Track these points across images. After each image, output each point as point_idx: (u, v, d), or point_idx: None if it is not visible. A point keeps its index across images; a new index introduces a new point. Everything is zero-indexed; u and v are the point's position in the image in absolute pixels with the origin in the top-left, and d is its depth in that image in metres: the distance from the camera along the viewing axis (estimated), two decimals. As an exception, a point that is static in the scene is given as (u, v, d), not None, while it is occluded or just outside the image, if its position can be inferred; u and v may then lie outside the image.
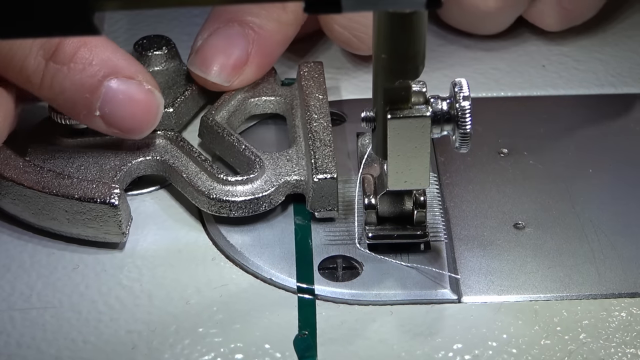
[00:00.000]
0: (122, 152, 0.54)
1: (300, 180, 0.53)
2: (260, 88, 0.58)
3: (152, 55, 0.58)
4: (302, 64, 0.58)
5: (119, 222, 0.51)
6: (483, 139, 0.57)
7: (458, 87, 0.48)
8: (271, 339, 0.48)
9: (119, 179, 0.52)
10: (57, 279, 0.51)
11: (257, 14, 0.56)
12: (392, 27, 0.44)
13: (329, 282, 0.50)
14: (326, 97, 0.56)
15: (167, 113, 0.55)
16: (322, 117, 0.55)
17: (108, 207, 0.50)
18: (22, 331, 0.48)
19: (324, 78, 0.57)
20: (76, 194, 0.50)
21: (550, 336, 0.48)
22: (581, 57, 0.64)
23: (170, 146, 0.54)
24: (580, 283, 0.50)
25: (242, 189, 0.52)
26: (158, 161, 0.54)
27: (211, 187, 0.52)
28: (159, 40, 0.59)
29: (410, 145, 0.47)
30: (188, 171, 0.53)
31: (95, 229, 0.51)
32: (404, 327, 0.48)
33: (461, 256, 0.51)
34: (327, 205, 0.52)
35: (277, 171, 0.53)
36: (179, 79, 0.58)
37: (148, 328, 0.48)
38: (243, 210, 0.52)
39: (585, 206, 0.54)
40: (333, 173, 0.52)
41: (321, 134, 0.53)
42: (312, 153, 0.52)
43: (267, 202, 0.52)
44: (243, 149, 0.54)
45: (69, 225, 0.51)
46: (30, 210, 0.51)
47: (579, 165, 0.56)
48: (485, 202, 0.54)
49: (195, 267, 0.51)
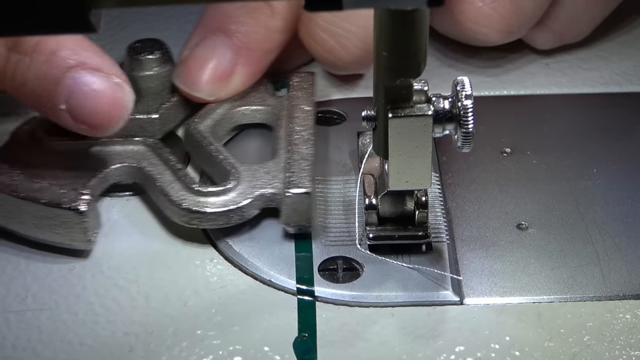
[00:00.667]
0: (100, 157, 0.53)
1: (275, 193, 0.52)
2: (249, 97, 0.57)
3: (144, 59, 0.58)
4: (293, 73, 0.58)
5: (84, 229, 0.50)
6: (485, 138, 0.57)
7: (460, 86, 0.48)
8: (270, 342, 0.48)
9: (92, 185, 0.52)
10: (52, 281, 0.51)
11: (243, 22, 0.55)
12: (393, 24, 0.44)
13: (329, 283, 0.50)
14: (313, 108, 0.55)
15: (151, 119, 0.55)
16: (304, 129, 0.54)
17: (74, 213, 0.50)
18: (17, 333, 0.48)
19: (314, 89, 0.57)
20: (43, 199, 0.50)
21: (554, 338, 0.48)
22: (585, 55, 0.64)
23: (149, 153, 0.54)
24: (584, 285, 0.50)
25: (214, 201, 0.51)
26: (134, 168, 0.53)
27: (183, 197, 0.51)
28: (152, 44, 0.58)
29: (411, 144, 0.47)
30: (162, 180, 0.52)
31: (61, 235, 0.50)
32: (405, 329, 0.48)
33: (463, 257, 0.51)
34: (300, 220, 0.51)
35: (253, 183, 0.52)
36: (169, 84, 0.57)
37: (145, 330, 0.48)
38: (213, 222, 0.51)
39: (589, 206, 0.54)
40: (307, 188, 0.51)
41: (301, 147, 0.53)
42: (288, 166, 0.52)
43: (238, 215, 0.51)
44: (220, 160, 0.53)
45: (35, 230, 0.51)
46: (0, 213, 0.51)
47: (583, 165, 0.56)
48: (487, 203, 0.54)
49: (194, 269, 0.51)
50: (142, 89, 0.57)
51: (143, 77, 0.57)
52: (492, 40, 0.60)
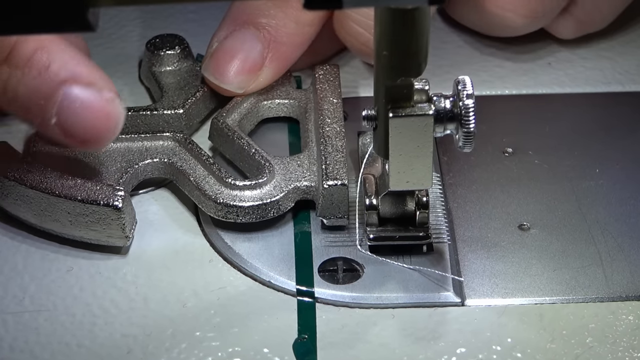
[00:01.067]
0: (129, 154, 0.54)
1: (310, 186, 0.52)
2: (274, 90, 0.58)
3: (164, 55, 0.58)
4: (317, 66, 0.58)
5: (122, 226, 0.51)
6: (487, 138, 0.57)
7: (461, 85, 0.48)
8: (270, 343, 0.48)
9: (124, 181, 0.52)
10: (50, 282, 0.51)
11: (273, 15, 0.56)
12: (394, 23, 0.44)
13: (329, 284, 0.50)
14: (340, 101, 0.56)
15: (177, 114, 0.56)
16: (335, 121, 0.55)
17: (111, 209, 0.50)
18: (15, 335, 0.48)
19: (339, 81, 0.57)
20: (79, 196, 0.50)
21: (556, 340, 0.48)
22: (588, 54, 0.64)
23: (178, 148, 0.54)
24: (587, 286, 0.50)
25: (250, 194, 0.52)
26: (165, 164, 0.54)
27: (219, 191, 0.52)
28: (172, 39, 0.59)
29: (412, 144, 0.47)
30: (195, 175, 0.53)
31: (98, 232, 0.51)
32: (406, 330, 0.48)
33: (464, 258, 0.51)
34: (337, 212, 0.52)
35: (287, 176, 0.53)
36: (191, 79, 0.58)
37: (144, 332, 0.48)
38: (250, 216, 0.52)
39: (592, 207, 0.54)
40: (344, 180, 0.51)
41: (334, 139, 0.53)
42: (324, 159, 0.52)
43: (275, 208, 0.52)
44: (253, 153, 0.54)
45: (71, 227, 0.51)
46: (32, 211, 0.51)
47: (586, 165, 0.56)
48: (489, 203, 0.54)
49: (192, 270, 0.51)
50: (163, 85, 0.57)
51: (164, 72, 0.58)
52: (517, 26, 0.60)
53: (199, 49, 0.63)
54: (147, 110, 0.56)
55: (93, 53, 0.62)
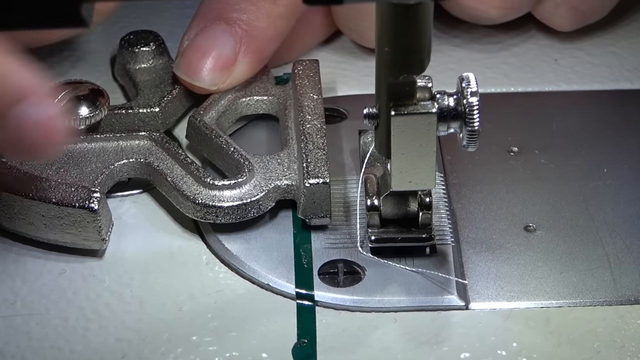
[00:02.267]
0: (104, 154, 0.53)
1: (291, 185, 0.52)
2: (252, 87, 0.58)
3: (139, 52, 0.58)
4: (296, 61, 0.58)
5: (98, 228, 0.50)
6: (492, 136, 0.57)
7: (466, 82, 0.48)
8: (269, 348, 0.48)
9: (99, 182, 0.52)
10: (42, 285, 0.51)
11: (244, 9, 0.56)
12: (395, 19, 0.44)
13: (329, 287, 0.50)
14: (321, 97, 0.56)
15: (153, 113, 0.55)
16: (315, 118, 0.54)
17: (87, 212, 0.50)
18: (5, 339, 0.48)
19: (319, 77, 0.57)
20: (54, 198, 0.50)
21: (563, 345, 0.48)
22: (595, 50, 0.64)
23: (155, 148, 0.54)
24: (595, 289, 0.50)
25: (230, 194, 0.52)
26: (142, 164, 0.53)
27: (197, 191, 0.52)
28: (146, 35, 0.59)
29: (415, 143, 0.47)
30: (173, 174, 0.53)
31: (73, 235, 0.51)
32: (408, 335, 0.48)
33: (469, 260, 0.51)
34: (319, 212, 0.52)
35: (267, 175, 0.53)
36: (167, 76, 0.58)
37: (139, 336, 0.48)
38: (230, 216, 0.51)
39: (599, 208, 0.54)
40: (326, 178, 0.51)
41: (314, 137, 0.53)
42: (304, 156, 0.52)
43: (255, 208, 0.52)
44: (232, 152, 0.53)
45: (46, 230, 0.51)
46: (5, 214, 0.51)
47: (593, 165, 0.56)
48: (494, 204, 0.54)
49: (189, 272, 0.51)
50: (139, 82, 0.57)
51: (139, 69, 0.58)
52: (493, 18, 0.61)
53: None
54: (122, 108, 0.56)
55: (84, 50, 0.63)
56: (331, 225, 0.53)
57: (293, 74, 0.57)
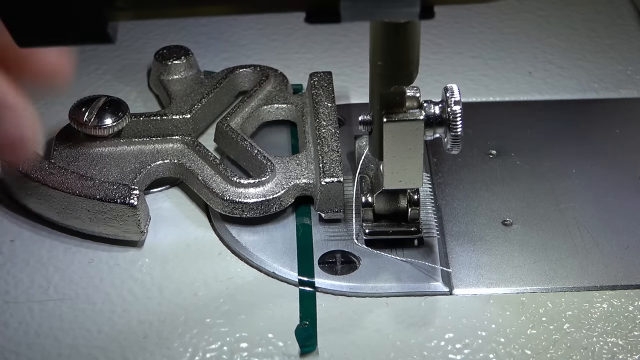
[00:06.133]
0: (142, 156, 0.54)
1: (309, 183, 0.53)
2: (273, 96, 0.58)
3: (171, 65, 0.58)
4: (312, 73, 0.58)
5: (137, 222, 0.51)
6: (473, 141, 0.57)
7: (450, 92, 0.48)
8: (274, 329, 0.48)
9: (138, 181, 0.52)
10: (73, 273, 0.51)
11: None
12: (387, 36, 0.44)
13: (328, 275, 0.50)
14: (334, 105, 0.56)
15: (185, 119, 0.56)
16: (330, 123, 0.55)
17: (127, 207, 0.50)
18: (40, 322, 0.48)
19: (332, 87, 0.57)
20: (98, 195, 0.50)
21: (536, 326, 0.48)
22: (565, 64, 0.64)
23: (187, 150, 0.54)
24: (564, 276, 0.50)
25: (254, 191, 0.52)
26: (175, 164, 0.54)
27: (225, 189, 0.52)
28: (178, 50, 0.59)
29: (404, 147, 0.47)
30: (203, 174, 0.53)
31: (115, 228, 0.51)
32: (398, 317, 0.48)
33: (452, 251, 0.51)
34: (333, 207, 0.52)
35: (287, 174, 0.53)
36: (196, 87, 0.58)
37: (158, 319, 0.48)
38: (255, 211, 0.52)
39: (569, 204, 0.54)
40: (340, 177, 0.52)
41: (329, 140, 0.53)
42: (320, 158, 0.52)
43: (277, 204, 0.52)
44: (255, 154, 0.54)
45: (90, 224, 0.51)
46: (54, 209, 0.51)
47: (563, 166, 0.56)
48: (475, 201, 0.54)
49: (203, 262, 0.51)
50: (171, 92, 0.57)
51: (172, 80, 0.58)
52: None
53: (207, 59, 0.63)
54: (157, 115, 0.56)
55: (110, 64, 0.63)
56: (328, 218, 0.52)
57: (309, 84, 0.57)
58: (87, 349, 0.47)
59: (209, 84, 0.58)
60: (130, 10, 0.37)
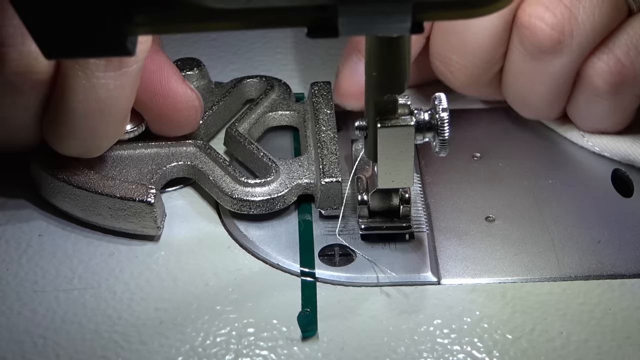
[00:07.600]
0: (158, 158, 0.54)
1: (310, 183, 0.53)
2: (277, 104, 0.58)
3: (185, 75, 0.58)
4: (313, 83, 0.58)
5: (154, 218, 0.51)
6: (459, 145, 0.57)
7: (438, 101, 0.48)
8: (278, 315, 0.48)
9: (155, 181, 0.52)
10: (95, 264, 0.51)
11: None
12: (381, 49, 0.44)
13: (327, 266, 0.50)
14: (333, 111, 0.56)
15: (197, 125, 0.56)
16: (329, 129, 0.55)
17: (145, 205, 0.51)
18: (65, 309, 0.49)
19: (331, 95, 0.57)
20: (118, 194, 0.51)
21: (517, 313, 0.48)
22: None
23: (199, 153, 0.54)
24: (542, 268, 0.50)
25: (260, 190, 0.52)
26: (189, 166, 0.54)
27: (234, 188, 0.52)
28: (191, 62, 0.59)
29: (397, 150, 0.47)
30: (214, 175, 0.53)
31: (134, 224, 0.51)
32: (391, 305, 0.49)
33: (440, 245, 0.51)
34: (332, 204, 0.52)
35: (290, 175, 0.53)
36: (207, 95, 0.58)
37: (173, 306, 0.49)
38: (261, 208, 0.52)
39: (546, 202, 0.54)
40: (338, 177, 0.52)
41: (328, 144, 0.54)
42: (320, 160, 0.53)
43: (281, 202, 0.52)
44: (261, 156, 0.54)
45: (111, 220, 0.51)
46: (78, 207, 0.52)
47: (541, 167, 0.56)
48: (461, 199, 0.54)
49: (213, 254, 0.51)
50: None
51: None
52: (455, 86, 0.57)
53: (217, 70, 0.63)
54: None
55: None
56: (328, 215, 0.53)
57: (310, 93, 0.58)
58: (109, 334, 0.47)
59: (219, 92, 0.59)
60: (147, 26, 0.37)
